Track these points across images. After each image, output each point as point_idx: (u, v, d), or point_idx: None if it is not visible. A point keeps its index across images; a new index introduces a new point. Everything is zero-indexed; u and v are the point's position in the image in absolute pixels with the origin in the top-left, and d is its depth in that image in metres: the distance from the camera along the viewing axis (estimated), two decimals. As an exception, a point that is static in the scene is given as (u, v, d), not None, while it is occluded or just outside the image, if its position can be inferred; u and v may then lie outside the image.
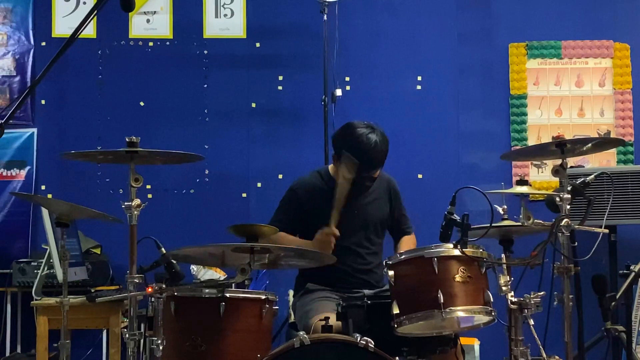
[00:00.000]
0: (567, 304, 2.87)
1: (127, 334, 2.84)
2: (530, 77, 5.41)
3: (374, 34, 5.42)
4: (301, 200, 3.50)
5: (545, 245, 2.83)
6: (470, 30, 5.44)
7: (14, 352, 4.98)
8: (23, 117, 5.25)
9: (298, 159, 5.17)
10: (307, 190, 3.52)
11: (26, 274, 4.70)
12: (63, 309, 3.21)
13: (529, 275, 2.99)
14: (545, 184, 5.27)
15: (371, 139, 3.35)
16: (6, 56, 5.35)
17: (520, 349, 2.86)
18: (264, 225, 2.73)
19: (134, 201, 2.87)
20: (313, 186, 3.54)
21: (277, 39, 5.41)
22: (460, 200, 2.89)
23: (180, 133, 5.30)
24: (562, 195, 2.85)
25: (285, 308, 4.46)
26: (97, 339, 4.90)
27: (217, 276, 4.67)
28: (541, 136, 5.35)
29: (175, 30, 5.39)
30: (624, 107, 5.37)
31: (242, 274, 2.63)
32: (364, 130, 3.38)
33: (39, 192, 5.21)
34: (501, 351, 3.08)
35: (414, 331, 2.85)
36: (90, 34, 5.31)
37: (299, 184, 3.57)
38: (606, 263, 4.61)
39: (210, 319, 2.72)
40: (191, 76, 5.38)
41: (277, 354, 2.66)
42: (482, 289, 2.79)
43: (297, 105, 5.35)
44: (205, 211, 5.23)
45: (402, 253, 2.92)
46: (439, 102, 5.38)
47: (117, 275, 4.86)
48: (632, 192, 4.57)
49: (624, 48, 5.41)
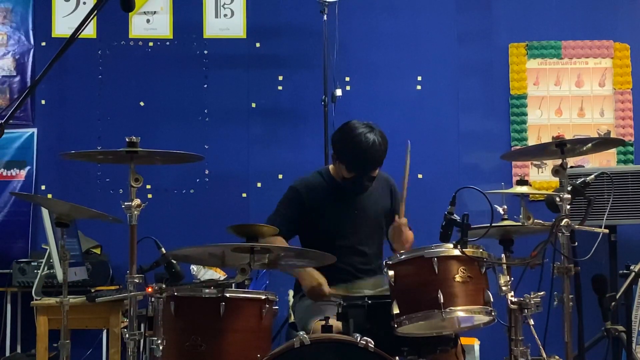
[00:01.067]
0: (567, 304, 2.87)
1: (127, 334, 2.84)
2: (530, 77, 5.41)
3: (374, 34, 5.42)
4: (303, 198, 3.49)
5: (545, 245, 2.83)
6: (470, 30, 5.44)
7: (14, 352, 4.98)
8: (23, 117, 5.26)
9: (298, 159, 5.18)
10: (309, 189, 3.51)
11: (26, 274, 4.70)
12: (63, 309, 3.21)
13: (529, 275, 2.99)
14: (545, 184, 5.27)
15: (369, 139, 3.35)
16: (6, 56, 5.35)
17: (520, 349, 2.86)
18: (264, 225, 2.73)
19: (134, 201, 2.87)
20: (315, 185, 3.53)
21: (277, 39, 5.42)
22: (460, 200, 2.89)
23: (180, 133, 5.30)
24: (562, 195, 2.85)
25: (285, 308, 4.46)
26: (97, 339, 4.90)
27: (217, 276, 4.67)
28: (541, 136, 5.36)
29: (175, 30, 5.39)
30: (624, 107, 5.37)
31: (242, 274, 2.63)
32: (363, 130, 3.38)
33: (39, 192, 5.21)
34: (501, 351, 3.07)
35: (414, 331, 2.85)
36: (90, 34, 5.31)
37: (300, 182, 3.56)
38: (606, 263, 4.60)
39: (210, 319, 2.71)
40: (191, 76, 5.39)
41: (277, 354, 2.65)
42: (482, 289, 2.79)
43: (297, 105, 5.36)
44: (205, 211, 5.23)
45: (402, 253, 2.92)
46: (439, 102, 5.38)
47: (117, 275, 4.86)
48: (632, 192, 4.57)
49: (624, 48, 5.41)
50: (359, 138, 3.36)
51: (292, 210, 3.48)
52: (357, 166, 3.39)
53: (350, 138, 3.38)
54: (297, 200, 3.49)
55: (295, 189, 3.53)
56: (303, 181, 3.56)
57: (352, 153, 3.37)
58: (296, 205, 3.48)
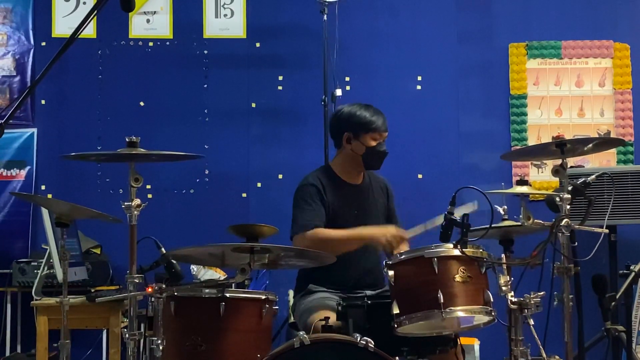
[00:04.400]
0: (567, 304, 2.87)
1: (127, 334, 2.84)
2: (530, 77, 5.41)
3: (374, 34, 5.42)
4: (321, 192, 3.46)
5: (546, 245, 2.83)
6: (470, 30, 5.44)
7: (14, 352, 4.98)
8: (23, 117, 5.26)
9: (298, 159, 5.17)
10: (323, 184, 3.49)
11: (26, 274, 4.70)
12: (63, 309, 3.20)
13: (529, 275, 2.99)
14: (545, 184, 5.27)
15: (363, 105, 3.53)
16: (6, 56, 5.35)
17: (520, 349, 2.86)
18: (264, 225, 2.72)
19: (134, 201, 2.87)
20: (326, 181, 3.52)
21: (277, 39, 5.42)
22: (460, 200, 2.89)
23: (180, 133, 5.30)
24: (562, 195, 2.85)
25: (285, 308, 4.46)
26: (97, 339, 4.90)
27: (217, 276, 4.66)
28: (541, 136, 5.36)
29: (175, 30, 5.39)
30: (624, 107, 5.37)
31: (242, 274, 2.63)
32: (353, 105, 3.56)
33: (39, 192, 5.21)
34: (501, 351, 3.08)
35: (414, 331, 2.85)
36: (90, 34, 5.31)
37: (314, 178, 3.52)
38: (606, 263, 4.61)
39: (210, 319, 2.72)
40: (191, 76, 5.39)
41: (277, 354, 2.66)
42: (482, 289, 2.79)
43: (297, 105, 5.36)
44: (205, 211, 5.23)
45: (402, 253, 2.92)
46: (439, 102, 5.38)
47: (117, 275, 4.86)
48: (632, 192, 4.57)
49: (624, 48, 5.41)
50: (358, 104, 3.56)
51: (319, 203, 3.43)
52: (376, 119, 3.49)
53: (353, 107, 3.55)
54: (319, 194, 3.45)
55: (312, 184, 3.48)
56: (313, 177, 3.54)
57: (364, 112, 3.51)
58: (321, 198, 3.44)
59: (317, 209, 3.41)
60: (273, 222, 2.77)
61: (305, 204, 3.43)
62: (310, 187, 3.48)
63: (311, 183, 3.49)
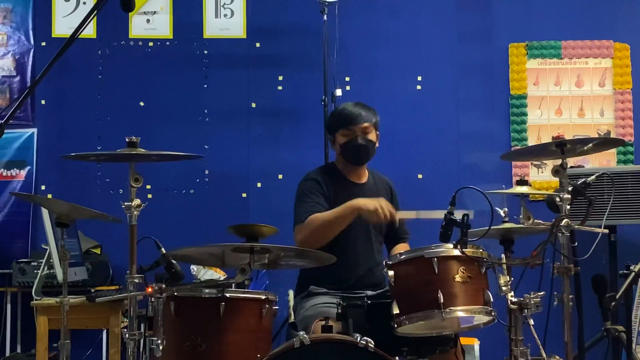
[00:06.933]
0: (567, 304, 2.87)
1: (127, 334, 2.84)
2: (530, 77, 5.41)
3: (374, 34, 5.42)
4: (322, 186, 3.47)
5: (546, 245, 2.83)
6: (470, 30, 5.44)
7: (14, 352, 4.98)
8: (23, 117, 5.26)
9: (298, 159, 5.17)
10: (324, 179, 3.50)
11: (26, 274, 4.70)
12: (63, 309, 3.20)
13: (529, 275, 2.99)
14: (545, 184, 5.27)
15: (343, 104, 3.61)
16: (6, 56, 5.35)
17: (520, 349, 2.86)
18: (264, 225, 2.72)
19: (134, 201, 2.87)
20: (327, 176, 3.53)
21: (277, 39, 5.42)
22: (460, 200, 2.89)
23: (180, 133, 5.30)
24: (562, 195, 2.85)
25: (285, 308, 4.46)
26: (97, 339, 4.90)
27: (217, 276, 4.67)
28: (541, 136, 5.36)
29: (175, 30, 5.39)
30: (624, 107, 5.37)
31: (242, 274, 2.63)
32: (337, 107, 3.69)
33: (39, 192, 5.21)
34: (501, 351, 3.08)
35: (414, 331, 2.85)
36: (90, 34, 5.31)
37: (314, 173, 3.55)
38: (606, 263, 4.61)
39: (210, 319, 2.71)
40: (191, 76, 5.39)
41: (277, 354, 2.66)
42: (482, 289, 2.79)
43: (297, 105, 5.36)
44: (205, 211, 5.23)
45: (402, 253, 2.92)
46: (439, 102, 5.38)
47: (117, 275, 4.86)
48: (632, 192, 4.57)
49: (624, 48, 5.41)
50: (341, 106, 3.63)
51: (319, 196, 3.44)
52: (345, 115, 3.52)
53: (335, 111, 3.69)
54: (319, 188, 3.46)
55: (313, 178, 3.51)
56: (315, 172, 3.56)
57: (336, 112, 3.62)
58: (322, 192, 3.46)
59: (317, 200, 3.43)
60: (273, 222, 2.78)
61: (305, 197, 3.45)
62: (311, 181, 3.50)
63: (312, 178, 3.52)
